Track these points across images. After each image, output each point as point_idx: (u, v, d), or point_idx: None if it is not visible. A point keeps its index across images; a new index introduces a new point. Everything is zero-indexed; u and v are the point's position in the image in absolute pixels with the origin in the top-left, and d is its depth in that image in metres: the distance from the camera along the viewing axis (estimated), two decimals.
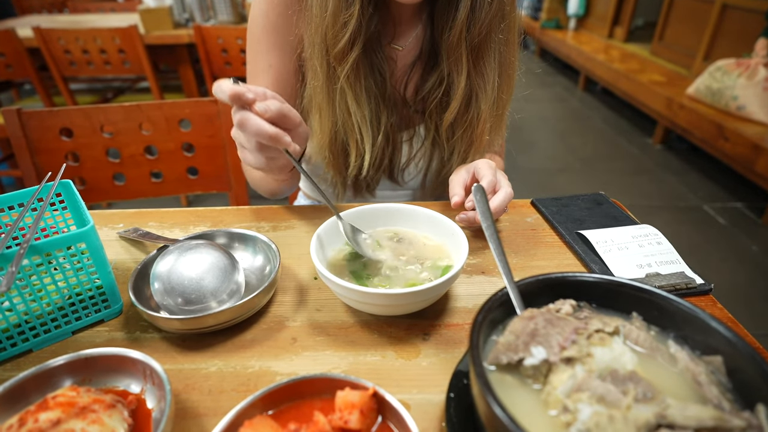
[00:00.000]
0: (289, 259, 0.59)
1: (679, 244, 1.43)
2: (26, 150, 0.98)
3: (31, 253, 0.43)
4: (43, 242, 0.43)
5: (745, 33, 2.73)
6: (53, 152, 1.00)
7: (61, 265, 0.46)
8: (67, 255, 0.45)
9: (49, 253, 0.44)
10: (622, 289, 0.41)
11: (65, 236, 0.44)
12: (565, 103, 4.02)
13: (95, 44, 1.98)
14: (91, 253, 0.46)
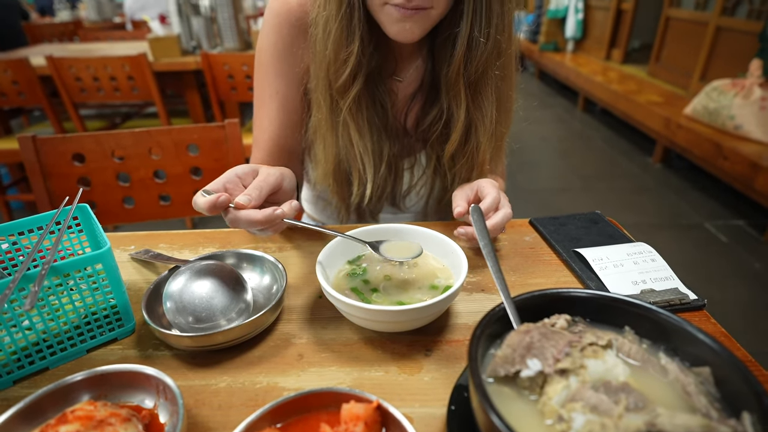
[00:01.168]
0: (295, 279, 0.61)
1: (681, 262, 1.45)
2: (39, 175, 1.01)
3: (51, 274, 0.45)
4: (63, 263, 0.45)
5: (739, 54, 2.79)
6: (65, 177, 1.03)
7: (78, 285, 0.48)
8: (84, 275, 0.48)
9: (68, 274, 0.46)
10: (614, 304, 0.43)
11: (83, 257, 0.46)
12: (565, 123, 4.07)
13: (105, 72, 2.05)
14: (107, 274, 0.48)
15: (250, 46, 2.49)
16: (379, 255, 0.55)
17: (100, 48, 2.77)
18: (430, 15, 0.60)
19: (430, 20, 0.61)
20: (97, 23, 4.12)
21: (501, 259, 0.65)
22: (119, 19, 4.31)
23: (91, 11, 4.27)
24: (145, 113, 2.92)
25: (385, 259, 0.55)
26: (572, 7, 4.84)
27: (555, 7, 5.09)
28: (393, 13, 0.59)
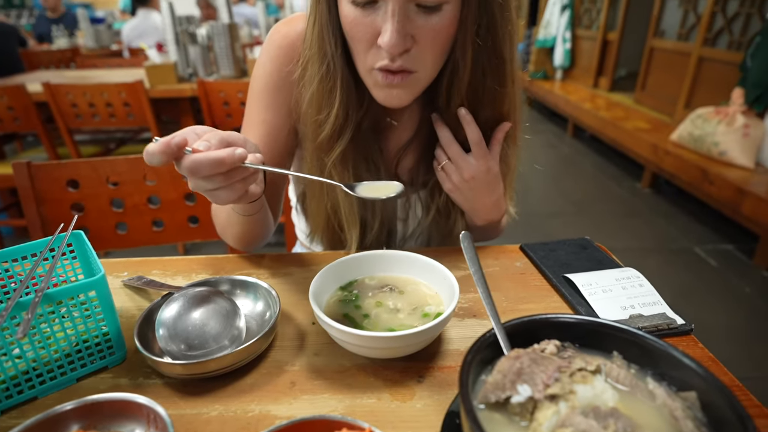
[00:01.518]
0: (288, 305, 0.61)
1: (672, 286, 1.46)
2: (33, 201, 1.01)
3: (45, 302, 0.45)
4: (57, 290, 0.45)
5: (721, 82, 2.88)
6: (59, 203, 1.04)
7: (71, 312, 0.48)
8: (77, 303, 0.48)
9: (61, 301, 0.46)
10: (602, 330, 0.43)
11: (77, 285, 0.47)
12: (555, 149, 4.15)
13: (102, 98, 2.07)
14: (100, 301, 0.49)
15: (245, 73, 2.54)
16: (355, 194, 0.54)
17: (96, 75, 2.81)
18: (417, 80, 0.59)
19: (419, 85, 0.60)
20: (94, 50, 4.17)
21: (492, 285, 0.66)
22: (116, 46, 4.37)
23: (88, 39, 4.33)
24: (139, 138, 2.94)
25: (361, 197, 0.54)
26: (560, 37, 4.99)
27: (543, 37, 5.25)
28: (379, 79, 0.58)
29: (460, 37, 0.58)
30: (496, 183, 0.70)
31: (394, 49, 0.53)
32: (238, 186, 0.50)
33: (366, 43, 0.56)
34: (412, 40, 0.54)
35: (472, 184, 0.68)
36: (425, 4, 0.52)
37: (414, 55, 0.56)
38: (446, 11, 0.54)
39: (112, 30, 4.77)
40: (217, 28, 2.36)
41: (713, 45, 3.03)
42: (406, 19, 0.53)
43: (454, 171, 0.68)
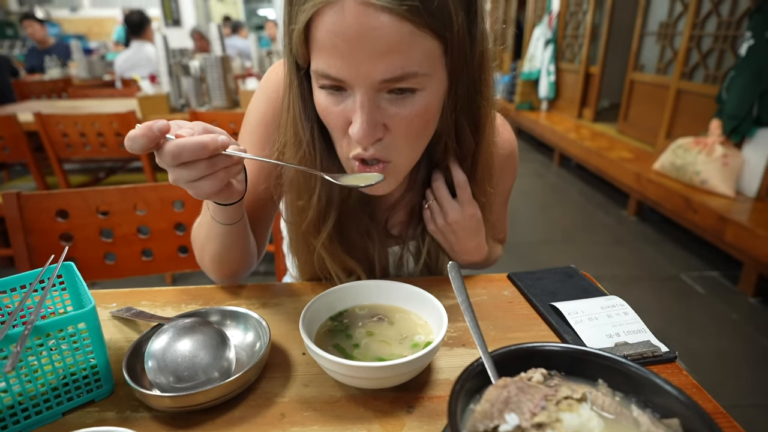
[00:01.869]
0: (277, 336, 0.61)
1: (661, 314, 1.47)
2: (21, 231, 1.01)
3: (33, 334, 0.45)
4: (46, 322, 0.45)
5: (699, 114, 2.99)
6: (47, 233, 1.03)
7: (60, 345, 0.48)
8: (66, 335, 0.47)
9: (50, 333, 0.46)
10: (588, 358, 0.44)
11: (67, 317, 0.47)
12: (542, 178, 4.22)
13: (93, 128, 2.08)
14: (89, 333, 0.48)
15: (237, 104, 2.58)
16: (338, 183, 0.55)
17: (88, 105, 2.83)
18: (395, 168, 0.58)
19: (400, 171, 0.59)
20: (86, 81, 4.21)
21: (480, 314, 0.67)
22: (109, 77, 4.42)
23: (81, 69, 4.38)
24: (129, 167, 2.94)
25: (342, 185, 0.54)
26: (544, 70, 5.16)
27: (528, 70, 5.42)
28: (356, 169, 0.56)
29: (444, 112, 0.58)
30: (477, 228, 0.72)
31: (364, 140, 0.51)
32: (222, 175, 0.49)
33: (340, 130, 0.54)
34: (384, 129, 0.53)
35: (454, 227, 0.70)
36: (397, 89, 0.50)
37: (387, 144, 0.54)
38: (420, 96, 0.51)
39: (105, 61, 4.82)
40: (210, 60, 2.41)
41: (690, 78, 3.15)
42: (376, 109, 0.51)
43: (439, 213, 0.70)
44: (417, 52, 0.48)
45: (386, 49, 0.46)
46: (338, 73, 0.48)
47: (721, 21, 2.87)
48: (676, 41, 3.31)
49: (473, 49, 0.53)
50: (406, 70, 0.48)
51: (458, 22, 0.49)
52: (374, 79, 0.48)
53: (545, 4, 5.40)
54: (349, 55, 0.47)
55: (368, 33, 0.45)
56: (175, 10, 6.38)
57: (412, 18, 0.45)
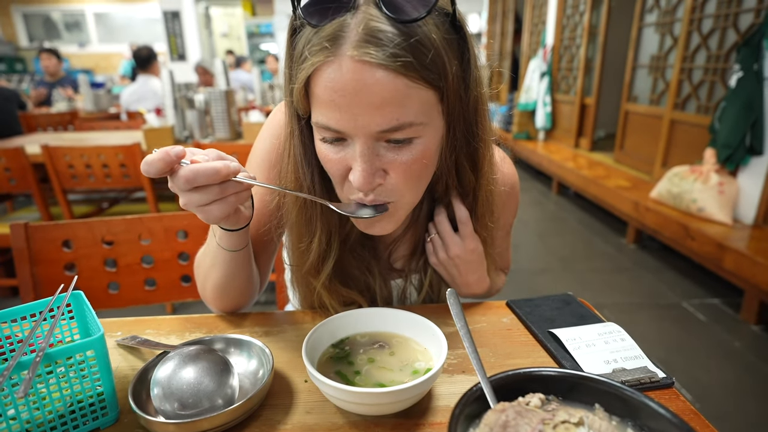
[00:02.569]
0: (280, 363, 0.62)
1: (663, 342, 1.47)
2: (27, 262, 1.03)
3: (44, 361, 0.46)
4: (56, 350, 0.47)
5: (694, 143, 3.04)
6: (52, 263, 1.05)
7: (68, 372, 0.49)
8: (75, 362, 0.49)
9: (60, 361, 0.47)
10: (585, 383, 0.45)
11: (77, 344, 0.48)
12: (541, 206, 4.26)
13: (99, 160, 2.13)
14: (98, 361, 0.50)
15: (240, 136, 2.64)
16: (343, 212, 0.56)
17: (94, 137, 2.89)
18: (397, 209, 0.59)
19: (400, 213, 0.60)
20: (93, 113, 4.30)
21: (480, 341, 0.67)
22: (115, 109, 4.52)
23: (87, 102, 4.49)
24: (133, 198, 2.98)
25: (347, 214, 0.56)
26: (540, 101, 5.27)
27: (525, 101, 5.54)
28: (357, 213, 0.57)
29: (443, 153, 0.60)
30: (479, 262, 0.74)
31: (364, 187, 0.53)
32: (232, 200, 0.52)
33: (340, 177, 0.56)
34: (384, 175, 0.54)
35: (456, 261, 0.72)
36: (394, 140, 0.52)
37: (388, 188, 0.55)
38: (417, 144, 0.53)
39: (111, 94, 4.93)
40: (215, 93, 2.48)
41: (683, 109, 3.23)
42: (375, 156, 0.52)
43: (441, 247, 0.72)
44: (412, 103, 0.50)
45: (382, 103, 0.48)
46: (337, 125, 0.51)
47: (710, 54, 2.96)
48: (667, 73, 3.40)
49: (468, 94, 0.56)
50: (402, 121, 0.50)
51: (452, 72, 0.51)
52: (372, 130, 0.50)
53: (540, 38, 5.58)
54: (347, 109, 0.49)
55: (364, 88, 0.47)
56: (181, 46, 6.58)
57: (406, 73, 0.47)
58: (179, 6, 6.36)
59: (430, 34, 0.48)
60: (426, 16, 0.47)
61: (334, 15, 0.48)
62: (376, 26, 0.47)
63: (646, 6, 3.64)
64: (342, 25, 0.47)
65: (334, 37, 0.48)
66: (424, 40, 0.48)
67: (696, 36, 3.07)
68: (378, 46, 0.46)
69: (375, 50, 0.46)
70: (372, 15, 0.47)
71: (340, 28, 0.47)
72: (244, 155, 2.10)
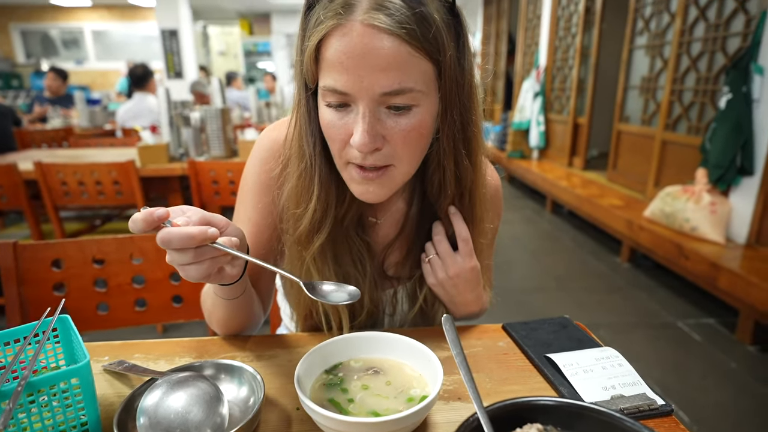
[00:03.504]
0: (272, 390, 0.61)
1: (659, 363, 1.44)
2: (15, 282, 1.01)
3: (26, 390, 0.44)
4: (40, 378, 0.45)
5: (685, 163, 3.08)
6: (41, 283, 1.03)
7: (51, 401, 0.47)
8: (59, 391, 0.47)
9: (42, 390, 0.46)
10: (582, 412, 0.44)
11: (61, 372, 0.46)
12: (535, 224, 4.27)
13: (92, 177, 2.11)
14: (82, 389, 0.48)
15: (235, 153, 2.63)
16: (311, 295, 0.55)
17: (89, 154, 2.88)
18: (393, 175, 0.61)
19: (395, 181, 0.62)
20: (88, 130, 4.29)
21: (476, 366, 0.66)
22: (110, 126, 4.52)
23: (83, 119, 4.49)
24: (125, 215, 2.96)
25: (322, 299, 0.55)
26: (534, 120, 5.34)
27: (519, 120, 5.60)
28: (355, 174, 0.60)
29: (441, 136, 0.62)
30: (477, 281, 0.74)
31: (364, 148, 0.56)
32: (207, 264, 0.53)
33: (341, 142, 0.59)
34: (383, 140, 0.58)
35: (455, 281, 0.72)
36: (394, 106, 0.56)
37: (386, 153, 0.59)
38: (415, 113, 0.57)
39: (107, 111, 4.94)
40: (210, 111, 2.49)
41: (674, 129, 3.27)
42: (376, 120, 0.56)
43: (440, 267, 0.72)
44: (413, 70, 0.54)
45: (386, 65, 0.53)
46: (344, 86, 0.54)
47: (700, 76, 3.02)
48: (658, 94, 3.46)
49: (463, 77, 0.60)
50: (403, 85, 0.54)
51: (449, 51, 0.56)
52: (375, 91, 0.54)
53: (533, 59, 5.67)
54: (354, 71, 0.53)
55: (372, 51, 0.52)
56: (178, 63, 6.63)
57: (409, 40, 0.52)
58: (177, 25, 6.43)
59: (432, 13, 0.54)
60: None
61: None
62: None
63: (636, 29, 3.72)
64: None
65: (348, 4, 0.52)
66: (427, 15, 0.53)
67: (685, 58, 3.14)
68: (386, 14, 0.51)
69: (384, 17, 0.51)
70: None
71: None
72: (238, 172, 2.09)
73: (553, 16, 5.13)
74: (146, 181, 2.27)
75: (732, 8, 2.74)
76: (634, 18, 3.72)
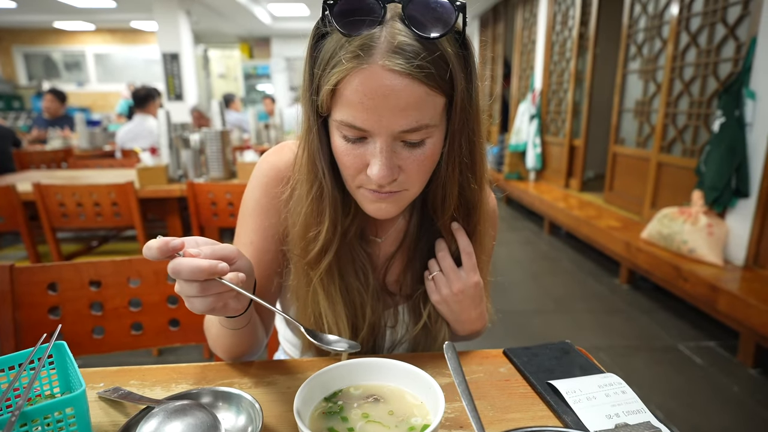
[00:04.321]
0: (270, 417, 0.59)
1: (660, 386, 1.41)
2: (10, 306, 0.99)
3: (20, 420, 0.44)
4: (35, 408, 0.44)
5: (681, 185, 3.10)
6: (36, 307, 1.01)
7: (45, 431, 0.46)
8: (53, 420, 0.46)
9: (36, 420, 0.45)
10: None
11: (55, 402, 0.45)
12: (533, 245, 4.27)
13: (90, 198, 2.11)
14: (77, 419, 0.47)
15: (234, 175, 2.64)
16: (318, 343, 0.57)
17: (87, 175, 2.88)
18: (405, 196, 0.64)
19: (406, 201, 0.65)
20: (87, 151, 4.31)
21: (477, 393, 0.65)
22: (109, 147, 4.54)
23: (82, 140, 4.51)
24: (123, 236, 2.94)
25: (324, 348, 0.56)
26: (530, 142, 5.39)
27: (515, 142, 5.66)
28: (368, 195, 0.63)
29: (446, 158, 0.64)
30: (480, 297, 0.74)
31: (383, 180, 0.58)
32: (212, 298, 0.53)
33: (355, 170, 0.61)
34: (399, 170, 0.60)
35: (459, 297, 0.72)
36: (410, 142, 0.59)
37: (401, 181, 0.61)
38: (428, 144, 0.60)
39: (107, 132, 4.98)
40: (210, 134, 2.50)
41: (669, 152, 3.31)
42: (393, 153, 0.59)
43: (445, 284, 0.72)
44: (429, 108, 0.57)
45: (406, 106, 0.55)
46: (363, 124, 0.57)
47: (693, 100, 3.07)
48: (652, 117, 3.51)
49: (471, 105, 0.62)
50: (420, 123, 0.57)
51: (461, 83, 0.58)
52: (394, 129, 0.57)
53: (528, 82, 5.77)
54: (374, 111, 0.55)
55: (392, 93, 0.54)
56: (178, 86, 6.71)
57: (427, 82, 0.55)
58: (179, 48, 6.53)
59: (447, 50, 0.56)
60: (446, 34, 0.54)
61: (366, 27, 0.54)
62: (404, 40, 0.54)
63: (629, 54, 3.79)
64: (372, 36, 0.54)
65: (366, 46, 0.54)
66: (443, 55, 0.55)
67: (678, 83, 3.19)
68: (405, 57, 0.53)
69: (403, 61, 0.53)
70: (398, 29, 0.54)
71: (371, 39, 0.54)
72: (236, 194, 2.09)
73: (547, 41, 5.24)
74: (144, 203, 2.27)
75: (722, 35, 2.81)
76: (626, 43, 3.80)
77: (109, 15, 7.90)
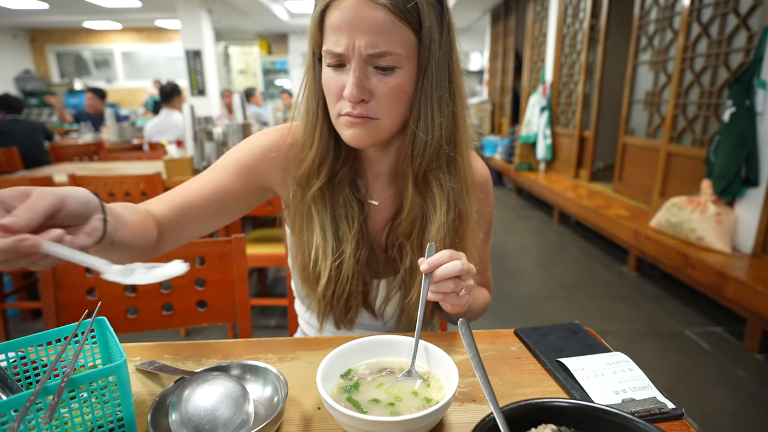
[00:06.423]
0: (294, 389, 0.63)
1: (668, 371, 1.43)
2: (51, 287, 1.04)
3: (68, 386, 0.47)
4: (81, 375, 0.48)
5: (690, 174, 3.09)
6: (75, 288, 1.06)
7: (90, 398, 0.50)
8: (97, 387, 0.50)
9: (83, 386, 0.49)
10: (596, 414, 0.47)
11: (100, 370, 0.49)
12: (542, 234, 4.28)
13: (121, 188, 2.20)
14: (119, 386, 0.51)
15: None
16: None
17: (118, 167, 2.99)
18: (378, 126, 0.70)
19: (379, 131, 0.71)
20: (117, 144, 4.45)
21: (489, 369, 0.69)
22: (137, 140, 4.69)
23: (112, 134, 4.64)
24: None
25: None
26: (541, 134, 5.37)
27: (526, 134, 5.64)
28: (344, 121, 0.70)
29: (420, 100, 0.70)
30: None
31: (352, 98, 0.66)
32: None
33: (336, 96, 0.69)
34: (370, 94, 0.68)
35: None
36: (380, 66, 0.66)
37: (372, 106, 0.69)
38: (398, 74, 0.67)
39: (134, 126, 5.12)
40: (232, 126, 2.57)
41: (678, 142, 3.29)
42: (365, 76, 0.67)
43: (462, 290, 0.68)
44: (396, 37, 0.65)
45: (373, 31, 0.64)
46: (339, 48, 0.65)
47: (703, 90, 3.04)
48: (662, 108, 3.49)
49: (441, 47, 0.69)
50: (387, 48, 0.65)
51: (429, 24, 0.66)
52: (363, 52, 0.64)
53: (539, 75, 5.72)
54: (347, 35, 0.64)
55: (362, 18, 0.63)
56: (201, 82, 6.87)
57: (394, 11, 0.63)
58: (201, 45, 6.67)
59: None
60: None
61: None
62: None
63: (640, 46, 3.76)
64: None
65: None
66: None
67: (689, 73, 3.17)
68: None
69: None
70: None
71: None
72: None
73: (558, 34, 5.19)
74: None
75: (734, 25, 2.78)
76: (637, 35, 3.76)
77: (134, 14, 8.14)
